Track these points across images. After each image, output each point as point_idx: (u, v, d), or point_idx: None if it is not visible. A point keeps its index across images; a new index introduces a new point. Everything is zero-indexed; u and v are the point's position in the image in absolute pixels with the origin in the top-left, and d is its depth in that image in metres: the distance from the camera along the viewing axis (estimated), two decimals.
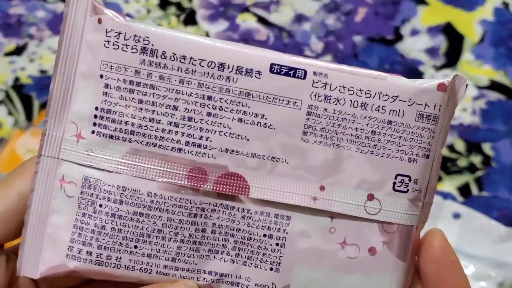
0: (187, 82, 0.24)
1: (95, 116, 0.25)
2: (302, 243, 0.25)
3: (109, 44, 0.24)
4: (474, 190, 0.58)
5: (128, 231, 0.25)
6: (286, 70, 0.24)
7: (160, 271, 0.25)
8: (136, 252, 0.25)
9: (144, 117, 0.24)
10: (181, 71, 0.24)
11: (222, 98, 0.24)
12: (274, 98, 0.24)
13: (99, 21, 0.24)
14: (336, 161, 0.25)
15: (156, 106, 0.24)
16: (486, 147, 0.60)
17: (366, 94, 0.25)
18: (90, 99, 0.25)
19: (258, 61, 0.24)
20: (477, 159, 0.59)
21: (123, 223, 0.25)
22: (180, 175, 0.25)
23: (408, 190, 0.25)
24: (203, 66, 0.24)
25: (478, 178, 0.58)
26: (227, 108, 0.25)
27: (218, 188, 0.25)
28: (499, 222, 0.54)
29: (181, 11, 0.68)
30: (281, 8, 0.69)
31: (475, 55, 0.65)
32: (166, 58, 0.24)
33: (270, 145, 0.25)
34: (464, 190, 0.58)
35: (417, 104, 0.25)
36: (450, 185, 0.58)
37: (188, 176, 0.25)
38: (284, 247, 0.25)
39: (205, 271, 0.25)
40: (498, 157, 0.60)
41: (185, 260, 0.25)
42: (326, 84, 0.25)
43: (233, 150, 0.25)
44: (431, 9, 0.69)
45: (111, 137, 0.24)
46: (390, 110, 0.25)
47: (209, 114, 0.25)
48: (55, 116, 0.25)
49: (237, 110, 0.25)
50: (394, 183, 0.25)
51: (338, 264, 0.25)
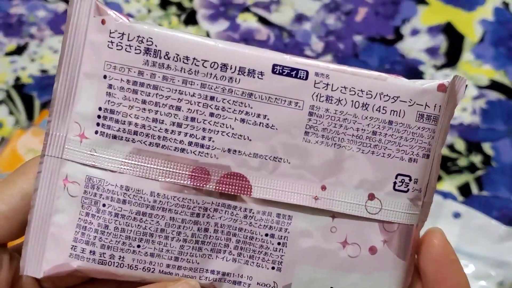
0: (190, 83, 0.24)
1: (99, 116, 0.25)
2: (304, 243, 0.25)
3: (112, 44, 0.24)
4: (474, 190, 0.58)
5: (131, 231, 0.25)
6: (288, 71, 0.25)
7: (162, 270, 0.25)
8: (139, 251, 0.25)
9: (147, 117, 0.24)
10: (184, 72, 0.24)
11: (224, 99, 0.25)
12: (276, 98, 0.25)
13: (103, 22, 0.25)
14: (337, 161, 0.25)
15: (159, 107, 0.24)
16: (486, 147, 0.60)
17: (367, 94, 0.25)
18: (94, 99, 0.25)
19: (260, 61, 0.25)
20: (477, 159, 0.59)
21: (126, 223, 0.25)
22: (183, 175, 0.25)
23: (408, 189, 0.25)
24: (206, 67, 0.24)
25: (478, 178, 0.58)
26: (230, 108, 0.25)
27: (220, 188, 0.25)
28: (499, 222, 0.54)
29: (181, 11, 0.69)
30: (281, 8, 0.69)
31: (475, 55, 0.65)
32: (169, 58, 0.24)
33: (272, 145, 0.25)
34: (464, 189, 0.58)
35: (417, 104, 0.25)
36: (450, 184, 0.58)
37: (191, 176, 0.25)
38: (285, 246, 0.25)
39: (207, 270, 0.25)
40: (498, 156, 0.60)
41: (187, 259, 0.25)
42: (327, 84, 0.25)
43: (235, 150, 0.25)
44: (431, 9, 0.69)
45: (115, 137, 0.25)
46: (391, 111, 0.25)
47: (211, 115, 0.25)
48: (59, 116, 0.25)
49: (239, 111, 0.25)
50: (395, 183, 0.25)
51: (339, 263, 0.26)
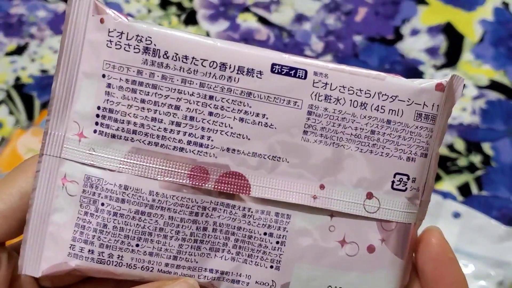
0: (189, 82, 0.25)
1: (97, 115, 0.25)
2: (302, 241, 0.25)
3: (111, 44, 0.24)
4: (474, 190, 0.58)
5: (130, 230, 0.25)
6: (287, 70, 0.25)
7: (161, 269, 0.25)
8: (138, 250, 0.25)
9: (146, 116, 0.25)
10: (183, 71, 0.24)
11: (223, 98, 0.25)
12: (275, 98, 0.25)
13: (101, 21, 0.25)
14: (336, 160, 0.25)
15: (158, 106, 0.25)
16: (486, 147, 0.60)
17: (365, 94, 0.25)
18: (93, 99, 0.25)
19: (259, 61, 0.25)
20: (477, 159, 0.59)
21: (125, 222, 0.25)
22: (182, 174, 0.25)
23: (406, 188, 0.26)
24: (205, 66, 0.24)
25: (478, 178, 0.58)
26: (229, 107, 0.25)
27: (219, 187, 0.25)
28: (499, 222, 0.54)
29: (181, 11, 0.69)
30: (281, 8, 0.69)
31: (475, 55, 0.65)
32: (168, 58, 0.24)
33: (271, 144, 0.25)
34: (464, 189, 0.58)
35: (415, 104, 0.25)
36: (450, 184, 0.58)
37: (189, 175, 0.25)
38: (284, 245, 0.25)
39: (206, 269, 0.26)
40: (497, 156, 0.60)
41: (186, 258, 0.25)
42: (326, 84, 0.25)
43: (234, 150, 0.25)
44: (431, 9, 0.69)
45: (113, 136, 0.25)
46: (389, 110, 0.25)
47: (210, 114, 0.25)
48: (57, 115, 0.25)
49: (238, 110, 0.25)
50: (393, 182, 0.25)
51: (338, 262, 0.26)
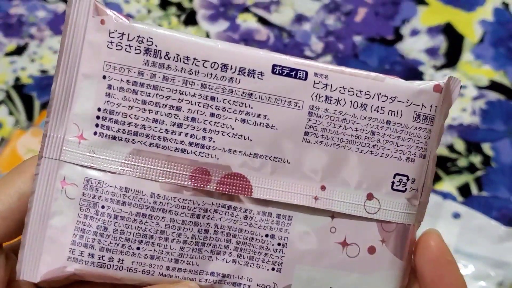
0: (191, 83, 0.24)
1: (98, 117, 0.25)
2: (304, 243, 0.25)
3: (112, 44, 0.24)
4: (474, 190, 0.58)
5: (130, 233, 0.25)
6: (288, 71, 0.25)
7: (162, 273, 0.25)
8: (138, 253, 0.25)
9: (147, 117, 0.24)
10: (184, 72, 0.24)
11: (225, 99, 0.25)
12: (276, 99, 0.25)
13: (102, 22, 0.24)
14: (336, 161, 0.25)
15: (159, 107, 0.24)
16: (486, 147, 0.60)
17: (365, 95, 0.25)
18: (93, 100, 0.25)
19: (260, 62, 0.25)
20: (476, 159, 0.59)
21: (126, 225, 0.24)
22: (183, 176, 0.25)
23: (406, 189, 0.26)
24: (206, 67, 0.24)
25: (478, 178, 0.58)
26: (230, 108, 0.25)
27: (221, 188, 0.25)
28: (499, 222, 0.54)
29: (181, 11, 0.68)
30: (281, 8, 0.69)
31: (475, 55, 0.65)
32: (169, 59, 0.24)
33: (272, 145, 0.25)
34: (464, 190, 0.58)
35: (414, 104, 0.25)
36: (450, 185, 0.58)
37: (191, 176, 0.25)
38: (285, 247, 0.25)
39: (207, 272, 0.25)
40: (497, 157, 0.60)
41: (187, 261, 0.25)
42: (326, 85, 0.25)
43: (236, 151, 0.25)
44: (431, 9, 0.69)
45: (114, 138, 0.25)
46: (389, 111, 0.25)
47: (212, 115, 0.25)
48: (57, 117, 0.25)
49: (240, 111, 0.25)
50: (393, 183, 0.26)
51: (339, 263, 0.26)
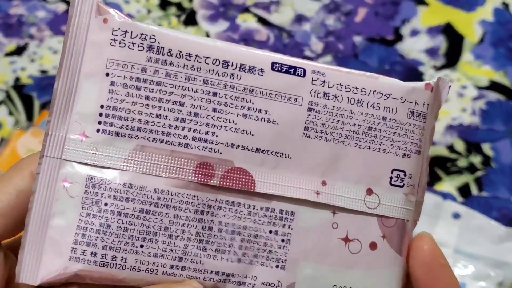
0: (193, 79, 0.25)
1: (100, 114, 0.25)
2: (307, 239, 0.25)
3: (115, 42, 0.25)
4: (474, 190, 0.58)
5: (134, 230, 0.24)
6: (287, 68, 0.25)
7: (166, 272, 0.25)
8: (142, 251, 0.24)
9: (150, 113, 0.25)
10: (186, 68, 0.25)
11: (227, 94, 0.25)
12: (276, 94, 0.25)
13: (105, 21, 0.25)
14: (336, 156, 0.26)
15: (162, 102, 0.25)
16: (486, 147, 0.60)
17: (361, 91, 0.26)
18: (95, 98, 0.25)
19: (260, 59, 0.25)
20: (476, 159, 0.60)
21: (129, 221, 0.24)
22: (187, 171, 0.25)
23: (404, 184, 0.26)
24: (208, 64, 0.25)
25: (478, 178, 0.59)
26: (232, 104, 0.25)
27: (224, 183, 0.25)
28: (499, 222, 0.54)
29: (181, 12, 0.69)
30: (281, 8, 0.69)
31: (475, 56, 0.66)
32: (172, 55, 0.25)
33: (274, 140, 0.25)
34: (464, 190, 0.58)
35: (408, 102, 0.26)
36: (450, 185, 0.58)
37: (195, 171, 0.25)
38: (289, 243, 0.25)
39: (211, 271, 0.25)
40: (497, 157, 0.60)
41: (191, 259, 0.25)
42: (324, 82, 0.26)
43: (238, 145, 0.25)
44: (431, 9, 0.69)
45: (117, 134, 0.25)
46: (384, 107, 0.26)
47: (214, 110, 0.25)
48: (59, 116, 0.25)
49: (241, 106, 0.25)
50: (391, 178, 0.26)
51: (342, 259, 0.26)
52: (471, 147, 0.60)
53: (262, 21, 0.68)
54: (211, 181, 0.25)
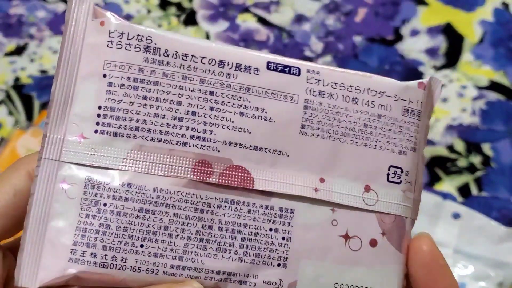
0: (190, 79, 0.25)
1: (98, 115, 0.25)
2: (307, 236, 0.25)
3: (112, 44, 0.25)
4: (474, 190, 0.58)
5: (134, 229, 0.24)
6: (282, 67, 0.26)
7: (167, 271, 0.25)
8: (142, 251, 0.24)
9: (148, 112, 0.25)
10: (183, 68, 0.25)
11: (223, 93, 0.25)
12: (272, 93, 0.26)
13: (101, 23, 0.25)
14: (333, 153, 0.26)
15: (160, 102, 0.25)
16: (486, 148, 0.60)
17: (356, 89, 0.26)
18: (93, 99, 0.25)
19: (255, 58, 0.26)
20: (476, 160, 0.60)
21: (129, 221, 0.24)
22: (186, 169, 0.25)
23: (401, 181, 0.27)
24: (204, 63, 0.25)
25: (478, 178, 0.59)
26: (229, 102, 0.25)
27: (223, 181, 0.25)
28: (499, 222, 0.54)
29: (181, 12, 0.69)
30: (281, 8, 0.69)
31: (475, 56, 0.66)
32: (168, 56, 0.25)
33: (271, 138, 0.25)
34: (463, 190, 0.58)
35: (402, 99, 0.27)
36: (449, 185, 0.58)
37: (194, 169, 0.25)
38: (290, 241, 0.25)
39: (212, 271, 0.25)
40: (497, 157, 0.60)
41: (192, 258, 0.25)
42: (319, 80, 0.26)
43: (236, 143, 0.25)
44: (431, 9, 0.69)
45: (115, 134, 0.25)
46: (379, 105, 0.27)
47: (212, 109, 0.25)
48: (56, 118, 0.25)
49: (238, 105, 0.25)
50: (388, 174, 0.26)
51: (342, 257, 0.26)
52: (471, 147, 0.60)
53: (262, 21, 0.68)
54: (210, 179, 0.25)
